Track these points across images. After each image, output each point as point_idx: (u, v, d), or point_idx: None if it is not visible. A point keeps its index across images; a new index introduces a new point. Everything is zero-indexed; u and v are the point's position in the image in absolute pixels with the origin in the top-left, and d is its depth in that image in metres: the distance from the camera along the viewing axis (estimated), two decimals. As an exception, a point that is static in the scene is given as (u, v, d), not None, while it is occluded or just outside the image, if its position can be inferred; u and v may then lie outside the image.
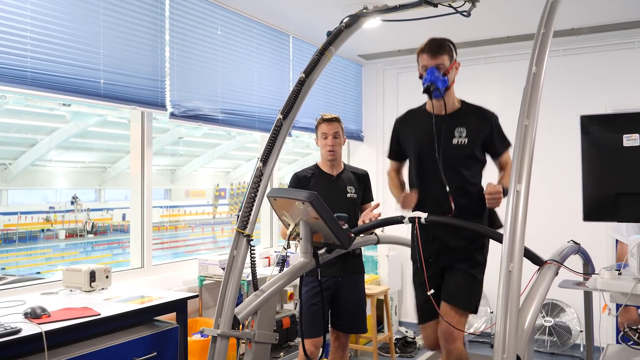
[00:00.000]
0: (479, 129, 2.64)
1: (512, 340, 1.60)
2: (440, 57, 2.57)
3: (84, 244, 14.57)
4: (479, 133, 2.64)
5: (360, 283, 3.42)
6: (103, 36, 3.35)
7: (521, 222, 1.70)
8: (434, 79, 2.53)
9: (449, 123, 2.61)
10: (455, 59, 2.63)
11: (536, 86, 1.86)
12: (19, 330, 2.13)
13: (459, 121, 2.64)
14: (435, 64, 2.56)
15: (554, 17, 1.98)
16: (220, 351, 2.15)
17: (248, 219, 2.29)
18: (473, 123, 2.65)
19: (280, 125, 2.43)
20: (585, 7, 4.47)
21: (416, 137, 2.76)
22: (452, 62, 2.60)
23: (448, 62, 2.58)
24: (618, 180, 2.01)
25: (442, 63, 2.57)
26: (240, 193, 16.28)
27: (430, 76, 2.54)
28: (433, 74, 2.54)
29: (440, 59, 2.57)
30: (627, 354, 2.30)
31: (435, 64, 2.56)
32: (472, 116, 2.67)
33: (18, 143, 12.41)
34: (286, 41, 5.05)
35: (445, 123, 2.61)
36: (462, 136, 2.63)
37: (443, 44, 2.60)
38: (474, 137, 2.63)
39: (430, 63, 2.57)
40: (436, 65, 2.56)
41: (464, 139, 2.62)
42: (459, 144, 2.63)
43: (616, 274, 2.13)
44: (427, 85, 2.54)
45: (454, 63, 2.62)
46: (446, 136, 2.62)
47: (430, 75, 2.54)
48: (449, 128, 2.62)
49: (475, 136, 2.63)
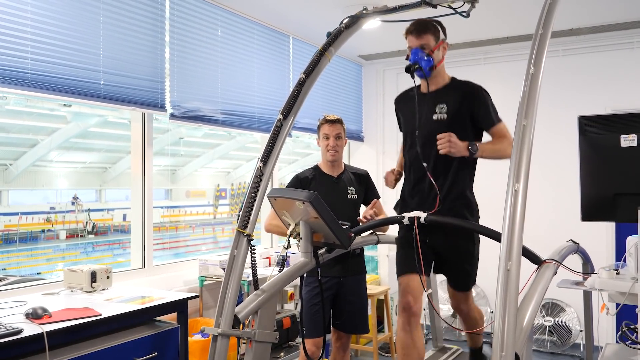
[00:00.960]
0: (460, 104, 2.62)
1: (510, 338, 1.60)
2: (425, 37, 2.58)
3: (84, 245, 14.58)
4: (460, 107, 2.62)
5: (362, 283, 3.43)
6: (103, 37, 3.36)
7: (519, 222, 1.71)
8: (418, 59, 2.56)
9: (431, 100, 2.64)
10: (442, 39, 2.64)
11: (534, 87, 1.87)
12: (20, 330, 2.14)
13: (441, 97, 2.65)
14: (420, 44, 2.59)
15: (552, 18, 1.99)
16: (221, 350, 2.16)
17: (248, 219, 2.30)
18: (455, 97, 2.64)
19: (280, 126, 2.44)
20: (585, 8, 4.48)
21: (405, 116, 2.82)
22: (438, 41, 2.61)
23: (433, 42, 2.59)
24: (616, 181, 2.02)
25: (426, 43, 2.58)
26: (240, 193, 16.30)
27: (414, 56, 2.57)
28: (417, 54, 2.57)
29: (425, 39, 2.58)
30: (626, 353, 2.31)
31: (419, 44, 2.59)
32: (454, 90, 2.67)
33: (19, 143, 12.43)
34: (286, 42, 5.06)
35: (428, 100, 2.64)
36: (442, 112, 2.63)
37: (427, 23, 2.62)
38: (455, 111, 2.62)
39: (414, 43, 2.60)
40: (420, 45, 2.58)
41: (443, 114, 2.63)
42: (438, 119, 2.63)
43: (614, 274, 2.14)
44: (407, 65, 2.57)
45: (441, 43, 2.63)
46: (428, 112, 2.64)
47: (414, 55, 2.57)
48: (431, 104, 2.64)
49: (456, 111, 2.62)
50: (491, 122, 2.63)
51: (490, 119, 2.63)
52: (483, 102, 2.63)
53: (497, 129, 2.63)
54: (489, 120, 2.63)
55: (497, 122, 2.63)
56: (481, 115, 2.63)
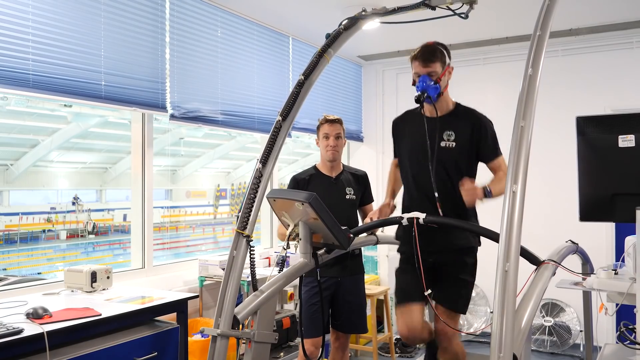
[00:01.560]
0: (468, 133, 2.64)
1: (508, 339, 1.61)
2: (432, 65, 2.58)
3: (85, 245, 14.59)
4: (467, 137, 2.64)
5: (360, 283, 3.43)
6: (104, 38, 3.37)
7: (517, 222, 1.72)
8: (426, 87, 2.56)
9: (439, 126, 2.63)
10: (448, 64, 2.63)
11: (532, 88, 1.87)
12: (21, 330, 2.15)
13: (448, 124, 2.65)
14: (427, 72, 2.58)
15: (549, 19, 2.00)
16: (220, 351, 2.16)
17: (247, 220, 2.31)
18: (462, 127, 2.65)
19: (279, 127, 2.45)
20: (584, 8, 4.48)
21: (408, 138, 2.80)
22: (444, 67, 2.60)
23: (440, 69, 2.59)
24: (614, 181, 2.03)
25: (434, 70, 2.58)
26: (241, 193, 16.30)
27: (422, 84, 2.56)
28: (425, 82, 2.56)
29: (432, 67, 2.58)
30: (624, 353, 2.31)
31: (427, 72, 2.58)
32: (462, 119, 2.67)
33: (19, 144, 12.44)
34: (286, 43, 5.06)
35: (435, 126, 2.63)
36: (450, 139, 2.64)
37: (435, 51, 2.60)
38: (462, 140, 2.64)
39: (422, 71, 2.58)
40: (428, 72, 2.58)
41: (451, 142, 2.63)
42: (446, 147, 2.64)
43: (612, 274, 2.15)
44: (418, 95, 2.56)
45: (447, 68, 2.62)
46: (436, 139, 2.63)
47: (422, 83, 2.56)
48: (439, 131, 2.64)
49: (464, 140, 2.64)
50: (493, 155, 2.67)
51: (494, 152, 2.67)
52: (490, 134, 2.66)
53: (497, 162, 2.67)
54: (492, 153, 2.67)
55: (499, 156, 2.67)
56: (486, 147, 2.65)
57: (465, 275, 2.70)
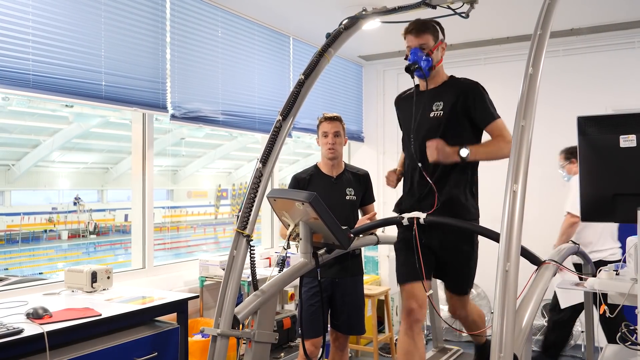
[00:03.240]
0: (456, 100, 2.62)
1: (509, 339, 1.60)
2: (424, 37, 2.59)
3: (86, 245, 14.61)
4: (456, 104, 2.61)
5: (359, 284, 3.41)
6: (104, 39, 3.37)
7: (518, 222, 1.71)
8: (417, 58, 2.58)
9: (429, 97, 2.65)
10: (441, 39, 2.65)
11: (533, 87, 1.87)
12: (21, 330, 2.15)
13: (438, 95, 2.66)
14: (419, 44, 2.60)
15: (550, 18, 1.99)
16: (220, 351, 2.16)
17: (248, 220, 2.30)
18: (451, 94, 2.64)
19: (279, 127, 2.45)
20: (585, 7, 4.47)
21: (404, 114, 2.83)
22: (437, 42, 2.62)
23: (432, 42, 2.60)
24: (615, 181, 2.02)
25: (425, 43, 2.59)
26: (241, 194, 16.31)
27: (413, 56, 2.58)
28: (416, 54, 2.58)
29: (424, 39, 2.59)
30: (625, 354, 2.30)
31: (418, 43, 2.60)
32: (451, 87, 2.67)
33: (21, 144, 12.46)
34: (286, 43, 5.06)
35: (425, 98, 2.65)
36: (438, 109, 2.64)
37: (427, 23, 2.63)
38: (451, 108, 2.62)
39: (413, 43, 2.61)
40: (419, 45, 2.60)
41: (439, 111, 2.63)
42: (435, 116, 2.64)
43: (614, 275, 2.14)
44: (407, 64, 2.58)
45: (440, 43, 2.64)
46: (424, 110, 2.64)
47: (413, 55, 2.59)
48: (428, 102, 2.65)
49: (452, 107, 2.61)
50: (487, 119, 2.60)
51: (487, 116, 2.61)
52: (479, 98, 2.61)
53: (494, 127, 2.60)
54: (485, 117, 2.61)
55: (494, 119, 2.60)
56: (477, 112, 2.61)
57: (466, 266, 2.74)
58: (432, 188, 2.58)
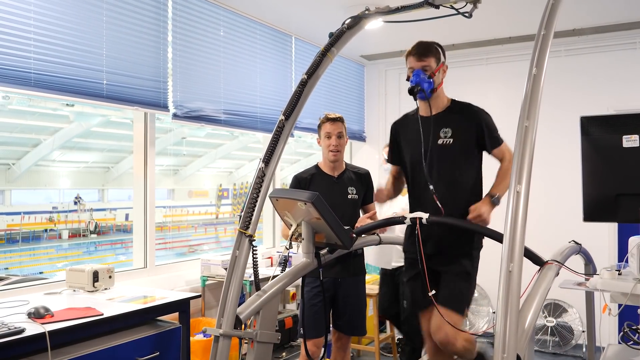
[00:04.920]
0: (464, 127, 2.63)
1: (512, 340, 1.60)
2: (427, 60, 2.59)
3: (87, 244, 14.61)
4: (464, 131, 2.62)
5: (361, 284, 3.41)
6: (106, 38, 3.37)
7: (521, 223, 1.71)
8: (419, 80, 2.56)
9: (435, 124, 2.63)
10: (442, 62, 2.65)
11: (536, 88, 1.86)
12: (22, 330, 2.15)
13: (444, 121, 2.65)
14: (421, 66, 2.59)
15: (554, 18, 1.99)
16: (223, 351, 2.16)
17: (250, 219, 2.30)
18: (458, 121, 2.64)
19: (282, 126, 2.44)
20: (587, 8, 4.47)
21: (407, 140, 2.79)
22: (439, 64, 2.61)
23: (434, 64, 2.60)
24: (618, 181, 2.02)
25: (428, 65, 2.58)
26: (243, 193, 16.31)
27: (416, 78, 2.57)
28: (418, 76, 2.57)
29: (427, 61, 2.58)
30: (627, 354, 2.31)
31: (421, 66, 2.59)
32: (457, 114, 2.66)
33: (21, 143, 12.45)
34: (288, 42, 5.06)
35: (431, 124, 2.63)
36: (447, 136, 2.63)
37: (429, 46, 2.62)
38: (459, 135, 2.62)
39: (416, 65, 2.60)
40: (422, 67, 2.59)
41: (448, 139, 2.63)
42: (444, 144, 2.63)
43: (616, 274, 2.14)
44: (411, 87, 2.57)
45: (441, 65, 2.63)
46: (432, 137, 2.63)
47: (416, 77, 2.57)
48: (435, 129, 2.63)
49: (461, 134, 2.62)
50: (495, 145, 2.65)
51: (495, 142, 2.65)
52: (487, 124, 2.64)
53: (499, 150, 2.65)
54: (493, 143, 2.64)
55: (500, 144, 2.65)
56: (487, 140, 2.63)
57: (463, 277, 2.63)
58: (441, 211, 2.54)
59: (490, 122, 2.66)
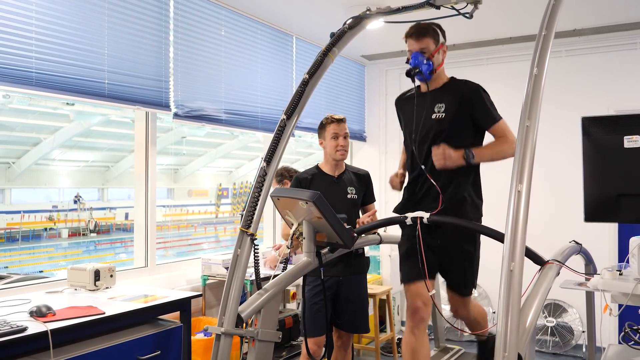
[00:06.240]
0: (459, 102, 2.63)
1: (513, 339, 1.61)
2: (424, 41, 2.61)
3: (86, 243, 14.62)
4: (458, 105, 2.63)
5: (362, 283, 3.42)
6: (107, 37, 3.37)
7: (522, 222, 1.71)
8: (418, 62, 2.59)
9: (430, 99, 2.66)
10: (442, 43, 2.66)
11: (537, 88, 1.87)
12: (24, 328, 2.16)
13: (440, 96, 2.67)
14: (420, 48, 2.61)
15: (555, 19, 1.99)
16: (224, 349, 2.16)
17: (252, 218, 2.31)
18: (453, 96, 2.65)
19: (283, 126, 2.45)
20: (588, 8, 4.47)
21: (405, 115, 2.84)
22: (437, 45, 2.63)
23: (433, 46, 2.62)
24: (619, 182, 2.02)
25: (426, 47, 2.61)
26: (242, 192, 16.32)
27: (414, 60, 2.60)
28: (417, 58, 2.60)
29: (424, 43, 2.61)
30: (628, 354, 2.31)
31: (419, 47, 2.61)
32: (453, 89, 2.68)
33: (22, 142, 12.47)
34: (289, 42, 5.06)
35: (427, 100, 2.66)
36: (440, 111, 2.65)
37: (427, 27, 2.64)
38: (453, 110, 2.63)
39: (414, 47, 2.62)
40: (420, 49, 2.61)
41: (442, 113, 2.64)
42: (437, 118, 2.65)
43: (617, 274, 2.15)
44: (408, 69, 2.60)
45: (440, 46, 2.65)
46: (427, 113, 2.66)
47: (414, 59, 2.60)
48: (430, 104, 2.66)
49: (454, 109, 2.63)
50: (490, 121, 2.63)
51: (489, 118, 2.63)
52: (481, 100, 2.63)
53: (497, 128, 2.63)
54: (487, 119, 2.63)
55: (497, 121, 2.63)
56: (480, 114, 2.63)
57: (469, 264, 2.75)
58: (436, 189, 2.59)
59: (483, 97, 2.64)
